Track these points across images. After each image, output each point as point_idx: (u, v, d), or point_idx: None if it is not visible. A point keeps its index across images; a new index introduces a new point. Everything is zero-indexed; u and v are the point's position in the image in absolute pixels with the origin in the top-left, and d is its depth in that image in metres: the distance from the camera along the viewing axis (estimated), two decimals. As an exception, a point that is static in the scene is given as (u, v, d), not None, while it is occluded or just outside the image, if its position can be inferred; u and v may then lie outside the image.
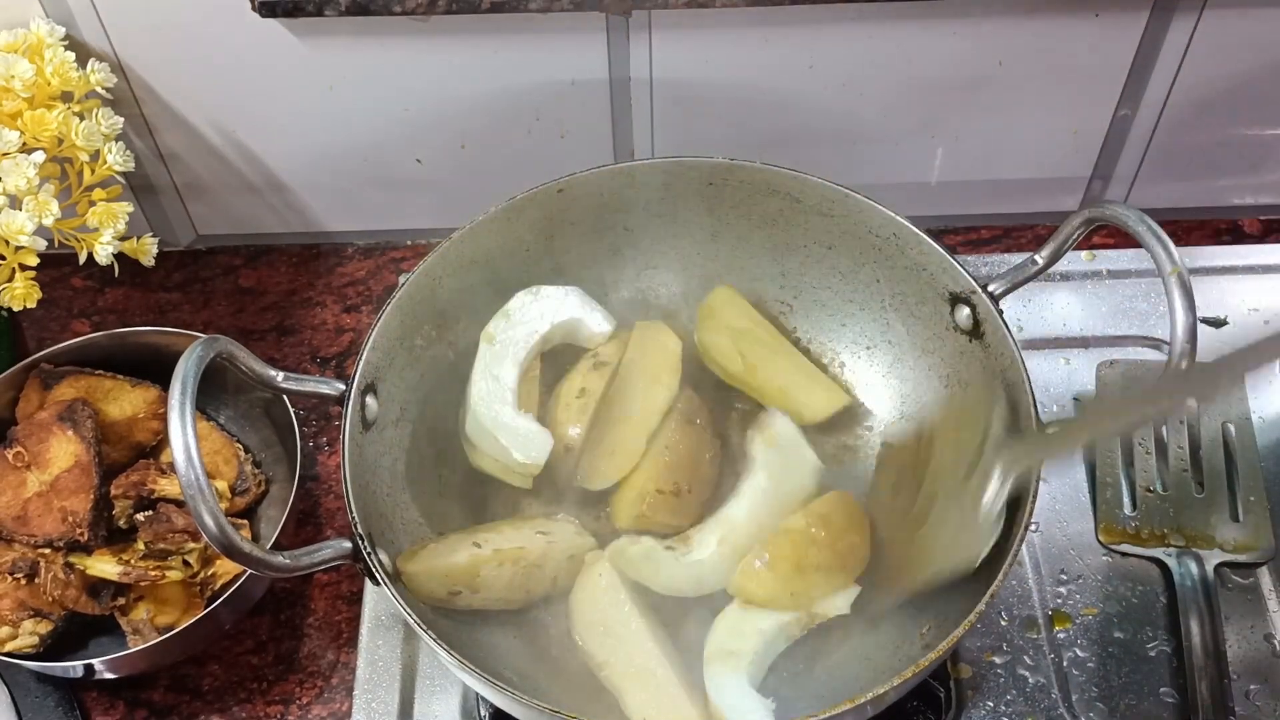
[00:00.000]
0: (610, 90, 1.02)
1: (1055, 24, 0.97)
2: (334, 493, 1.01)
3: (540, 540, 0.86)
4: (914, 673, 0.72)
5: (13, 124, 0.90)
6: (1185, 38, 0.99)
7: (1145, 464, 0.95)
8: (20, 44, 0.93)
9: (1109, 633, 0.89)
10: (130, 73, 1.00)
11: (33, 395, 0.95)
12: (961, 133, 1.06)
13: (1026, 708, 0.86)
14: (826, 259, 0.94)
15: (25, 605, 0.88)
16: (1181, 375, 0.73)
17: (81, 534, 0.88)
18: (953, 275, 0.86)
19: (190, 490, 0.67)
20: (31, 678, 0.91)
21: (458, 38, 0.97)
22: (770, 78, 1.01)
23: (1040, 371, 1.01)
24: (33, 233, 0.90)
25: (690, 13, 0.95)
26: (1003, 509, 0.77)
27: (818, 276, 0.95)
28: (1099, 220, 0.78)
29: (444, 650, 0.74)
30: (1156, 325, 1.03)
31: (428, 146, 1.06)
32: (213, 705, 0.91)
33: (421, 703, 0.88)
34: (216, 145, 1.06)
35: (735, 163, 0.91)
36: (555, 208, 0.92)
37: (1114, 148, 1.08)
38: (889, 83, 1.02)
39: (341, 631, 0.94)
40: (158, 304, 1.12)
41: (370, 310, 1.11)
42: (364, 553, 0.75)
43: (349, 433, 0.80)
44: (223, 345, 0.74)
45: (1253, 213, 1.15)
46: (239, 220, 1.13)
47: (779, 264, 0.96)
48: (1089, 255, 1.07)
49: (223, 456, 0.97)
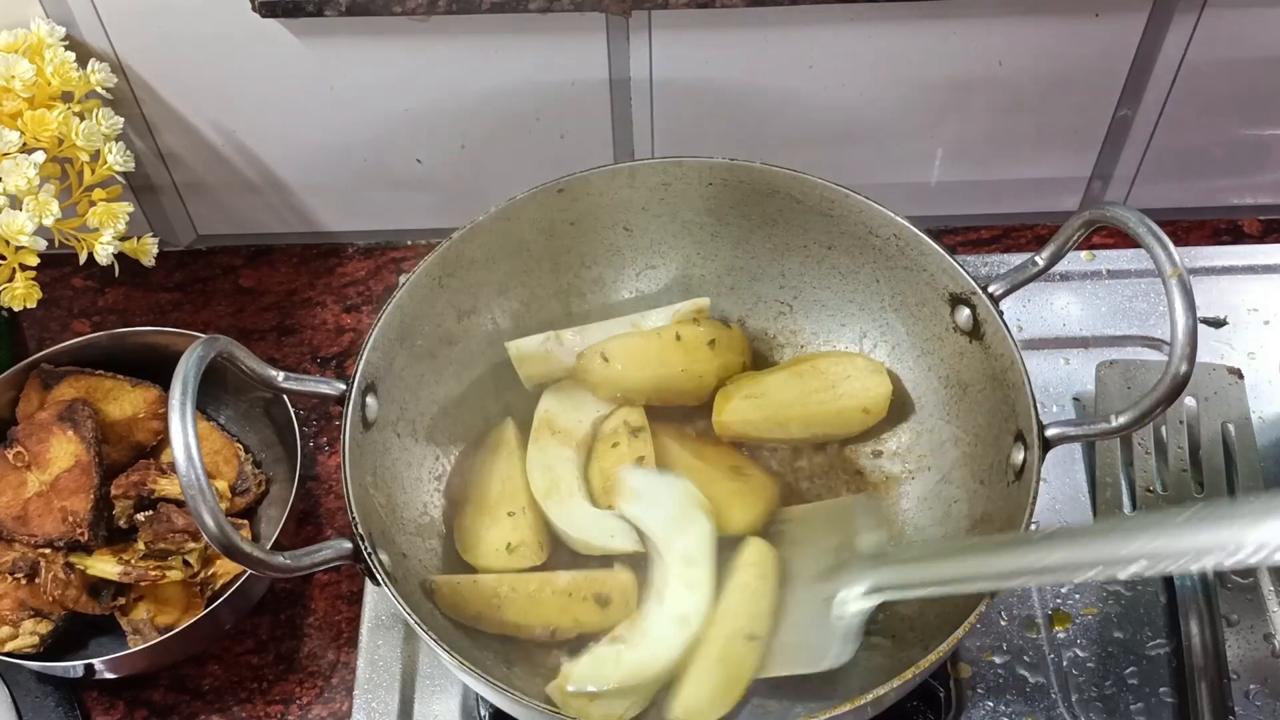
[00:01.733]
0: (610, 90, 1.02)
1: (1055, 24, 0.97)
2: (334, 493, 1.01)
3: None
4: (914, 673, 0.72)
5: (13, 124, 0.90)
6: (1185, 38, 0.99)
7: (1145, 464, 0.95)
8: (20, 44, 0.93)
9: (1109, 633, 0.89)
10: (130, 73, 1.00)
11: (33, 395, 0.95)
12: (961, 133, 1.06)
13: (1026, 708, 0.86)
14: (826, 259, 0.94)
15: (25, 605, 0.88)
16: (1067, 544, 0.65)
17: (81, 534, 0.88)
18: (953, 276, 0.86)
19: (190, 490, 0.67)
20: (31, 678, 0.91)
21: (458, 38, 0.97)
22: (770, 78, 1.01)
23: (1040, 371, 1.01)
24: (33, 233, 0.90)
25: (690, 13, 0.95)
26: (858, 626, 0.77)
27: (818, 276, 0.95)
28: (1099, 221, 0.78)
29: (444, 650, 0.74)
30: (1156, 325, 1.03)
31: (428, 146, 1.06)
32: (213, 705, 0.91)
33: (421, 703, 0.88)
34: (216, 145, 1.06)
35: (735, 163, 0.91)
36: (555, 208, 0.92)
37: (1114, 148, 1.08)
38: (889, 83, 1.02)
39: (341, 631, 0.94)
40: (158, 304, 1.12)
41: (370, 310, 1.11)
42: (364, 553, 0.75)
43: (349, 433, 0.80)
44: (223, 345, 0.74)
45: (1253, 213, 1.15)
46: (239, 220, 1.13)
47: (779, 264, 0.96)
48: (1089, 255, 1.07)
49: (223, 456, 0.97)
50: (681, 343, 0.92)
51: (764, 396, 0.93)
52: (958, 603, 0.81)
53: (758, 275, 0.97)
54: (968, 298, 0.86)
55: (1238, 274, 1.06)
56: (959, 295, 0.87)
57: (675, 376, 0.92)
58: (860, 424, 0.92)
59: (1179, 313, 0.72)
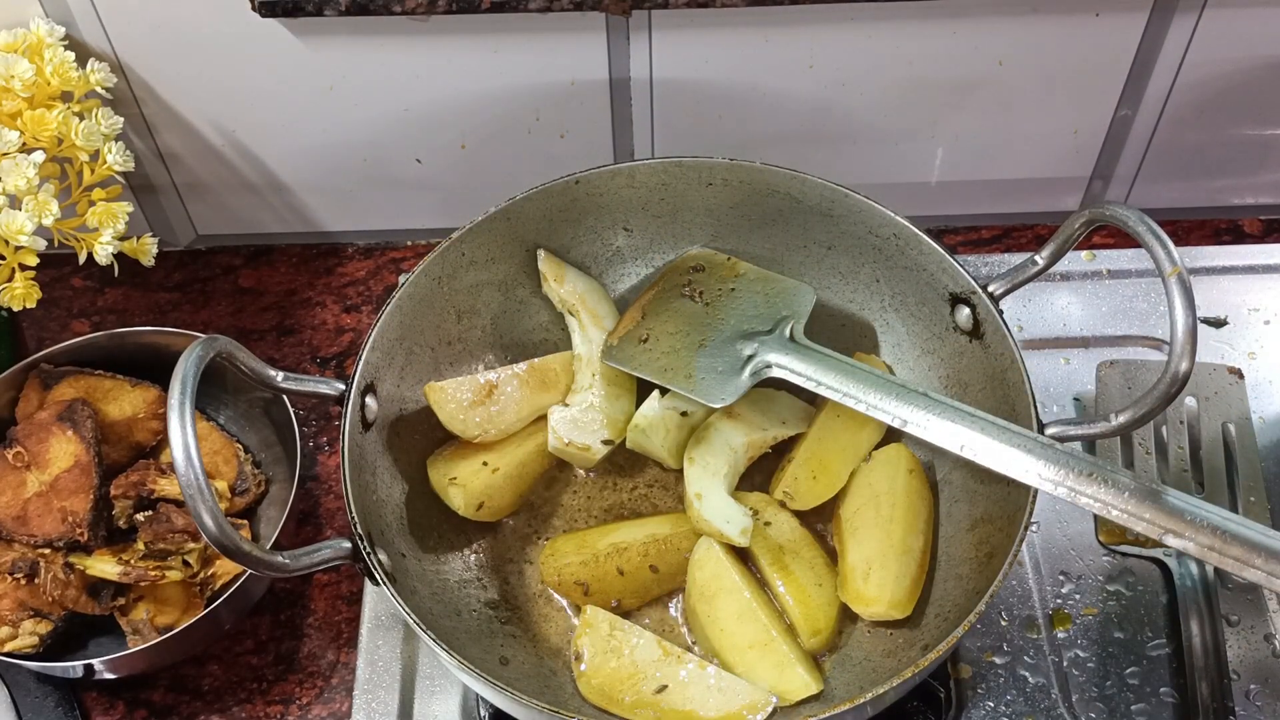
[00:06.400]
0: (610, 90, 1.02)
1: (1055, 24, 0.97)
2: (334, 493, 1.01)
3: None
4: (914, 672, 0.72)
5: (13, 124, 0.90)
6: (1185, 38, 0.99)
7: (1145, 464, 0.95)
8: (20, 44, 0.93)
9: (1109, 633, 0.89)
10: (130, 73, 1.00)
11: (33, 395, 0.95)
12: (961, 133, 1.06)
13: (1026, 708, 0.86)
14: (826, 259, 0.94)
15: (25, 605, 0.88)
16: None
17: (81, 534, 0.88)
18: (953, 275, 0.86)
19: (190, 490, 0.67)
20: (31, 678, 0.91)
21: (458, 38, 0.97)
22: (770, 78, 1.01)
23: (1040, 371, 1.01)
24: (33, 233, 0.90)
25: (690, 13, 0.95)
26: (748, 384, 0.88)
27: (818, 276, 0.95)
28: (1099, 220, 0.78)
29: (444, 650, 0.74)
30: (1156, 325, 1.03)
31: (428, 146, 1.06)
32: (213, 705, 0.91)
33: (421, 703, 0.88)
34: (216, 145, 1.06)
35: (735, 163, 0.91)
36: (555, 207, 0.92)
37: (1114, 148, 1.08)
38: (889, 83, 1.02)
39: (341, 631, 0.94)
40: (158, 304, 1.12)
41: (370, 310, 1.11)
42: (364, 553, 0.75)
43: (349, 433, 0.80)
44: (222, 345, 0.74)
45: (1253, 213, 1.15)
46: (239, 220, 1.13)
47: (779, 264, 0.95)
48: (1089, 255, 1.07)
49: (223, 456, 0.97)
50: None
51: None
52: (957, 602, 0.81)
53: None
54: (968, 297, 0.86)
55: (1238, 274, 1.06)
56: (959, 295, 0.87)
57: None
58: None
59: (1179, 311, 0.72)
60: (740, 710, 0.80)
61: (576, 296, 0.94)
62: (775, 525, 0.89)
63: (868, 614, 0.84)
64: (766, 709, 0.80)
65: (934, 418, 0.80)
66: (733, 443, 0.90)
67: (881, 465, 0.89)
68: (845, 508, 0.89)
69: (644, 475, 0.94)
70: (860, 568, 0.84)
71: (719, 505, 0.87)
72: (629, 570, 0.86)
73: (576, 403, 0.92)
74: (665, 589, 0.88)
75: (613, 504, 0.93)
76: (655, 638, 0.83)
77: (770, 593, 0.87)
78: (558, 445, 0.91)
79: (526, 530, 0.92)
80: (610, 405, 0.92)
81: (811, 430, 0.92)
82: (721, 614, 0.84)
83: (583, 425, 0.91)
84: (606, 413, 0.91)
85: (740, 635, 0.83)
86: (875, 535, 0.85)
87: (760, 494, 0.91)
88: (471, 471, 0.89)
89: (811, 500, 0.90)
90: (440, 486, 0.88)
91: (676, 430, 0.90)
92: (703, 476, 0.88)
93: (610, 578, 0.86)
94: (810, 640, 0.84)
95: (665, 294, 0.94)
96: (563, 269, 0.94)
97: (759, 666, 0.82)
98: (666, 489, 0.93)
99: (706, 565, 0.85)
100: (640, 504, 0.93)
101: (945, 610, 0.82)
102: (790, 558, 0.87)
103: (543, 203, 0.91)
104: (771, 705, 0.80)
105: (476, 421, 0.89)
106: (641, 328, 0.92)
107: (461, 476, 0.88)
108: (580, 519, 0.92)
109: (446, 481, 0.88)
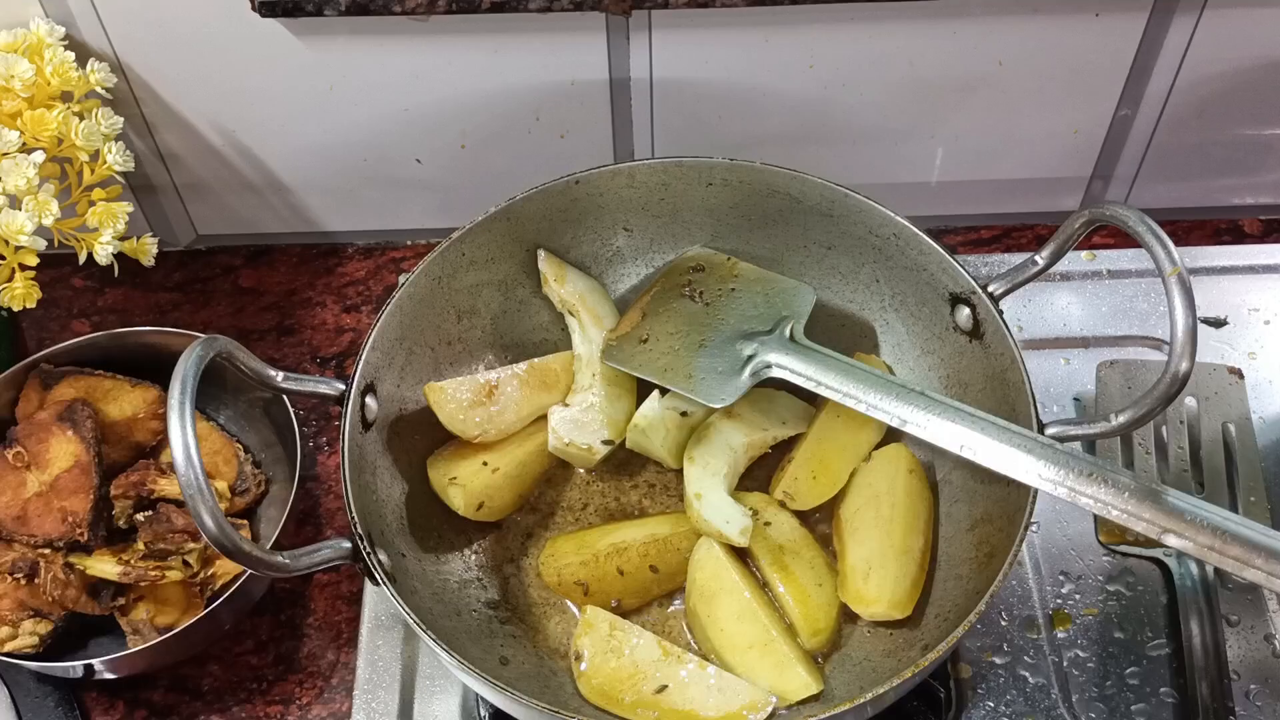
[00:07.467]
0: (610, 90, 1.02)
1: (1055, 24, 0.97)
2: (334, 493, 1.01)
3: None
4: (914, 672, 0.72)
5: (13, 124, 0.90)
6: (1185, 38, 0.99)
7: (1145, 464, 0.95)
8: (20, 44, 0.93)
9: (1109, 633, 0.89)
10: (130, 73, 1.00)
11: (33, 395, 0.95)
12: (961, 133, 1.06)
13: (1026, 708, 0.86)
14: (826, 259, 0.94)
15: (25, 605, 0.88)
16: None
17: (81, 534, 0.88)
18: (953, 275, 0.86)
19: (190, 490, 0.67)
20: (31, 678, 0.91)
21: (458, 38, 0.97)
22: (770, 78, 1.01)
23: (1040, 371, 1.01)
24: (33, 233, 0.90)
25: (690, 13, 0.95)
26: (748, 384, 0.87)
27: (818, 276, 0.95)
28: (1099, 220, 0.78)
29: (444, 650, 0.74)
30: (1156, 325, 1.03)
31: (428, 146, 1.06)
32: (213, 705, 0.91)
33: (421, 703, 0.88)
34: (216, 145, 1.06)
35: (735, 163, 0.91)
36: (555, 207, 0.92)
37: (1114, 148, 1.08)
38: (889, 83, 1.02)
39: (341, 631, 0.94)
40: (158, 304, 1.12)
41: (370, 310, 1.11)
42: (364, 553, 0.75)
43: (349, 433, 0.80)
44: (222, 345, 0.74)
45: (1253, 213, 1.15)
46: (239, 220, 1.13)
47: (779, 264, 0.95)
48: (1089, 255, 1.07)
49: (223, 456, 0.97)
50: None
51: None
52: (957, 602, 0.81)
53: (758, 275, 0.97)
54: (968, 297, 0.86)
55: (1238, 274, 1.06)
56: (959, 295, 0.87)
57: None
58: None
59: (1179, 311, 0.72)
60: (740, 710, 0.80)
61: (577, 296, 0.94)
62: (775, 525, 0.89)
63: (868, 614, 0.84)
64: (766, 709, 0.80)
65: (934, 418, 0.80)
66: (733, 443, 0.90)
67: (881, 465, 0.89)
68: (845, 508, 0.89)
69: (644, 475, 0.94)
70: (860, 568, 0.84)
71: (719, 505, 0.87)
72: (629, 570, 0.86)
73: (577, 403, 0.92)
74: (665, 589, 0.88)
75: (613, 504, 0.93)
76: (655, 638, 0.83)
77: (770, 593, 0.87)
78: (558, 445, 0.91)
79: (526, 530, 0.92)
80: (610, 405, 0.92)
81: (811, 430, 0.92)
82: (721, 614, 0.84)
83: (583, 425, 0.91)
84: (607, 413, 0.91)
85: (740, 635, 0.83)
86: (875, 535, 0.85)
87: (760, 494, 0.91)
88: (471, 471, 0.89)
89: (811, 500, 0.90)
90: (440, 486, 0.88)
91: (676, 430, 0.90)
92: (703, 476, 0.88)
93: (610, 578, 0.86)
94: (810, 640, 0.84)
95: (665, 294, 0.94)
96: (563, 269, 0.94)
97: (759, 666, 0.82)
98: (666, 489, 0.93)
99: (706, 565, 0.85)
100: (640, 504, 0.93)
101: (945, 610, 0.82)
102: (790, 558, 0.87)
103: (543, 203, 0.91)
104: (771, 705, 0.80)
105: (476, 421, 0.89)
106: (641, 328, 0.92)
107: (461, 476, 0.88)
108: (580, 519, 0.92)
109: (446, 481, 0.88)
